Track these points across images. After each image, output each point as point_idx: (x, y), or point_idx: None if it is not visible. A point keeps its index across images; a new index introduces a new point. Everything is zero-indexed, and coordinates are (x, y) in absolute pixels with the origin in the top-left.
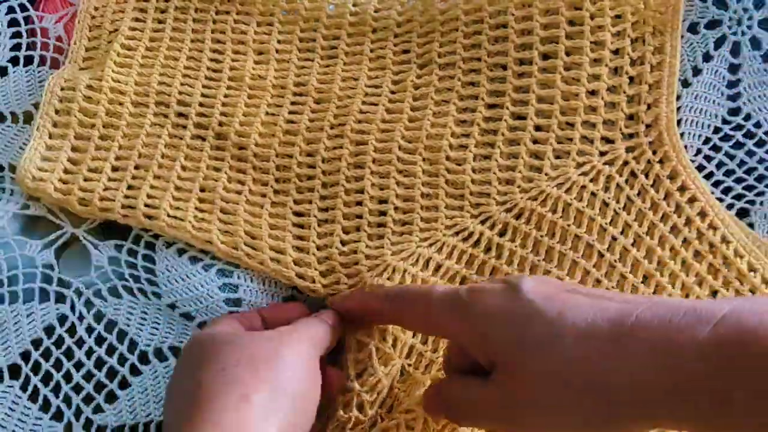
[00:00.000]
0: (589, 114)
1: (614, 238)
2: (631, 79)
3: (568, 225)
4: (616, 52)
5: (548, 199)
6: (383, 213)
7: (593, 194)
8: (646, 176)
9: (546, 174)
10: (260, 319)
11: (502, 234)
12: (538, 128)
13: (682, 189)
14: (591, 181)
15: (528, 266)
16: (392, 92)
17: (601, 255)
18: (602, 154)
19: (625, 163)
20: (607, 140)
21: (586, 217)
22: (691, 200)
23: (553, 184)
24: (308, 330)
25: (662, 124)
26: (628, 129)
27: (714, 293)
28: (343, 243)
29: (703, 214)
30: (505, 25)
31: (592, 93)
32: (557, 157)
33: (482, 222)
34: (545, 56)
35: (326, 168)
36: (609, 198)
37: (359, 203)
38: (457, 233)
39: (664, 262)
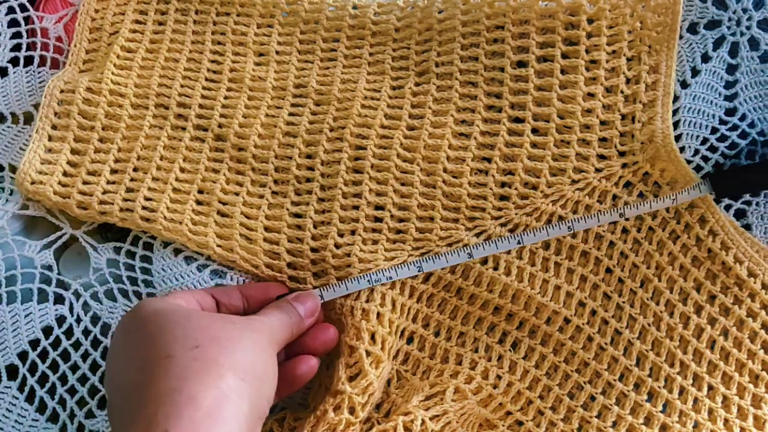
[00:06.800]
0: (585, 132)
1: (612, 244)
2: (626, 97)
3: (563, 236)
4: (611, 70)
5: (543, 215)
6: (379, 219)
7: (588, 207)
8: (645, 184)
9: (542, 192)
10: (211, 298)
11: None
12: (534, 145)
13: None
14: (586, 195)
15: (526, 277)
16: (391, 98)
17: (598, 261)
18: (598, 170)
19: (621, 177)
20: (603, 157)
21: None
22: (691, 206)
23: (548, 201)
24: (268, 322)
25: (659, 140)
26: (624, 146)
27: (712, 298)
28: (337, 246)
29: (703, 221)
30: (502, 40)
31: (588, 111)
32: (553, 175)
33: (477, 235)
34: (541, 74)
35: (325, 171)
36: (605, 208)
37: (356, 207)
38: (450, 245)
39: (662, 267)
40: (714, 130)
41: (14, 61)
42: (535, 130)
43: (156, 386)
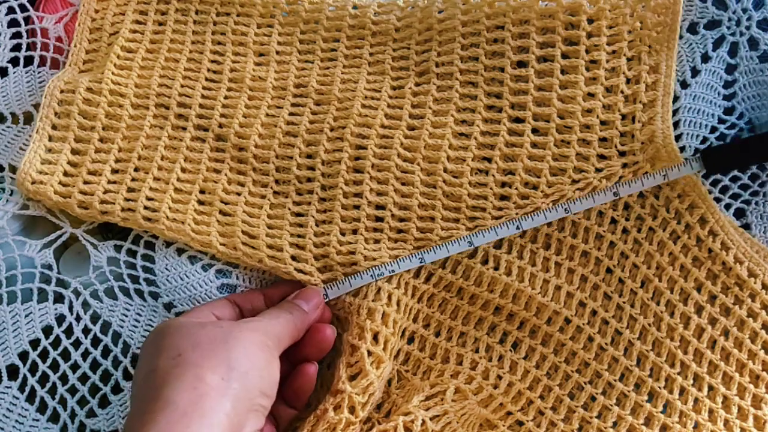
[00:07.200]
0: (585, 132)
1: (612, 244)
2: (626, 97)
3: (564, 237)
4: (611, 70)
5: (554, 222)
6: (380, 219)
7: (588, 209)
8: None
9: (542, 191)
10: (231, 308)
11: (497, 246)
12: (534, 145)
13: (682, 196)
14: (587, 195)
15: (527, 276)
16: (391, 98)
17: (598, 261)
18: (598, 170)
19: (621, 177)
20: (603, 157)
21: (582, 228)
22: (692, 207)
23: (548, 201)
24: (265, 321)
25: (659, 140)
26: (624, 146)
27: (713, 298)
28: (341, 244)
29: (703, 221)
30: (502, 40)
31: (588, 111)
32: (553, 175)
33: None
34: (541, 74)
35: (326, 170)
36: (605, 208)
37: (357, 207)
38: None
39: (662, 267)
40: (713, 130)
41: (14, 61)
42: (535, 130)
43: (140, 398)
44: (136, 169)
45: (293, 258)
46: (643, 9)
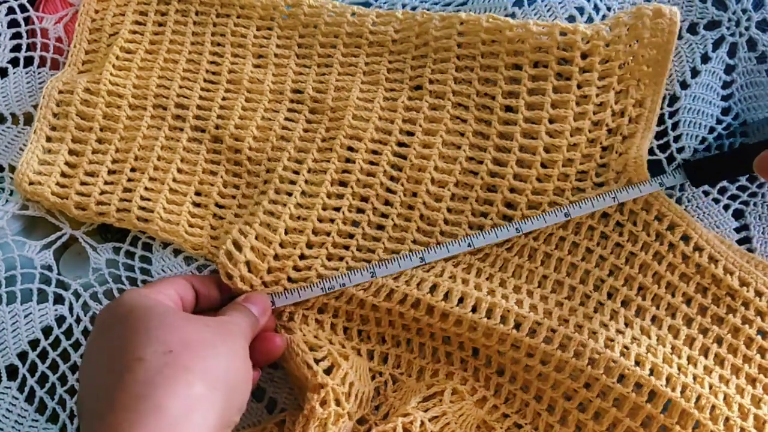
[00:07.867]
0: (567, 166)
1: (587, 272)
2: (609, 130)
3: (536, 267)
4: (600, 104)
5: (514, 246)
6: (351, 236)
7: (562, 239)
8: (621, 213)
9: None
10: (192, 290)
11: (467, 272)
12: (516, 176)
13: (659, 217)
14: (560, 228)
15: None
16: (383, 109)
17: (572, 288)
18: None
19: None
20: (580, 190)
21: (555, 258)
22: (672, 226)
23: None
24: (241, 323)
25: (631, 169)
26: (599, 177)
27: (704, 309)
28: (303, 257)
29: (686, 238)
30: (496, 69)
31: (573, 146)
32: (529, 208)
33: (446, 259)
34: (531, 106)
35: (309, 178)
36: (579, 239)
37: (332, 221)
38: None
39: (646, 287)
40: (711, 130)
41: (14, 62)
42: (519, 162)
43: (123, 391)
44: (132, 170)
45: (247, 264)
46: (636, 44)
